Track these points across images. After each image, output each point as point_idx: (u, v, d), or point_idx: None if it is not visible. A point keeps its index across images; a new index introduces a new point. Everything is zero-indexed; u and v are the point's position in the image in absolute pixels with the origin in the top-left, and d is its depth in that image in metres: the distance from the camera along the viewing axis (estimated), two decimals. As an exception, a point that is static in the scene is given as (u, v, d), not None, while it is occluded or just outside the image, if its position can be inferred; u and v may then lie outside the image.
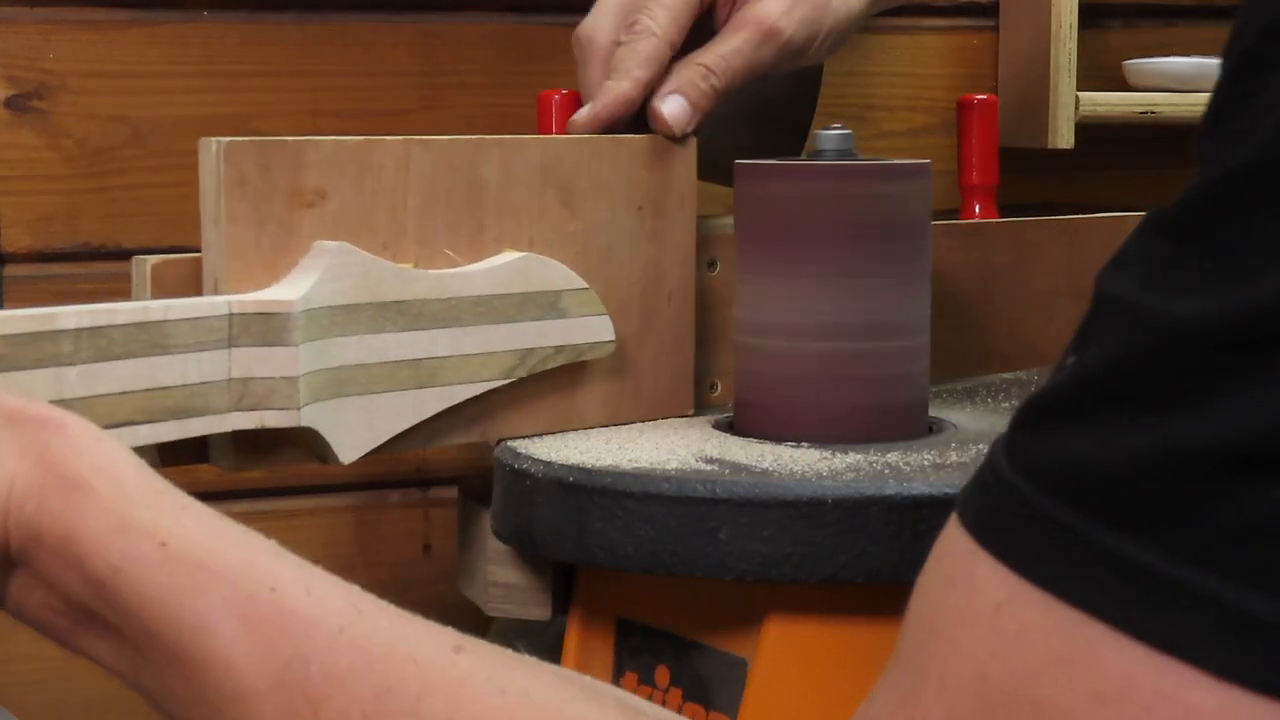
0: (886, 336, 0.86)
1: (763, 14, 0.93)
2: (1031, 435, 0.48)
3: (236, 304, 0.75)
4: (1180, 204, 0.47)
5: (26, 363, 0.67)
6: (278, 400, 0.75)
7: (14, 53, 1.17)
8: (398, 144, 0.83)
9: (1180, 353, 0.45)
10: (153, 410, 0.72)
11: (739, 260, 0.89)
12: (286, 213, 0.79)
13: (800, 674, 0.79)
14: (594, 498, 0.80)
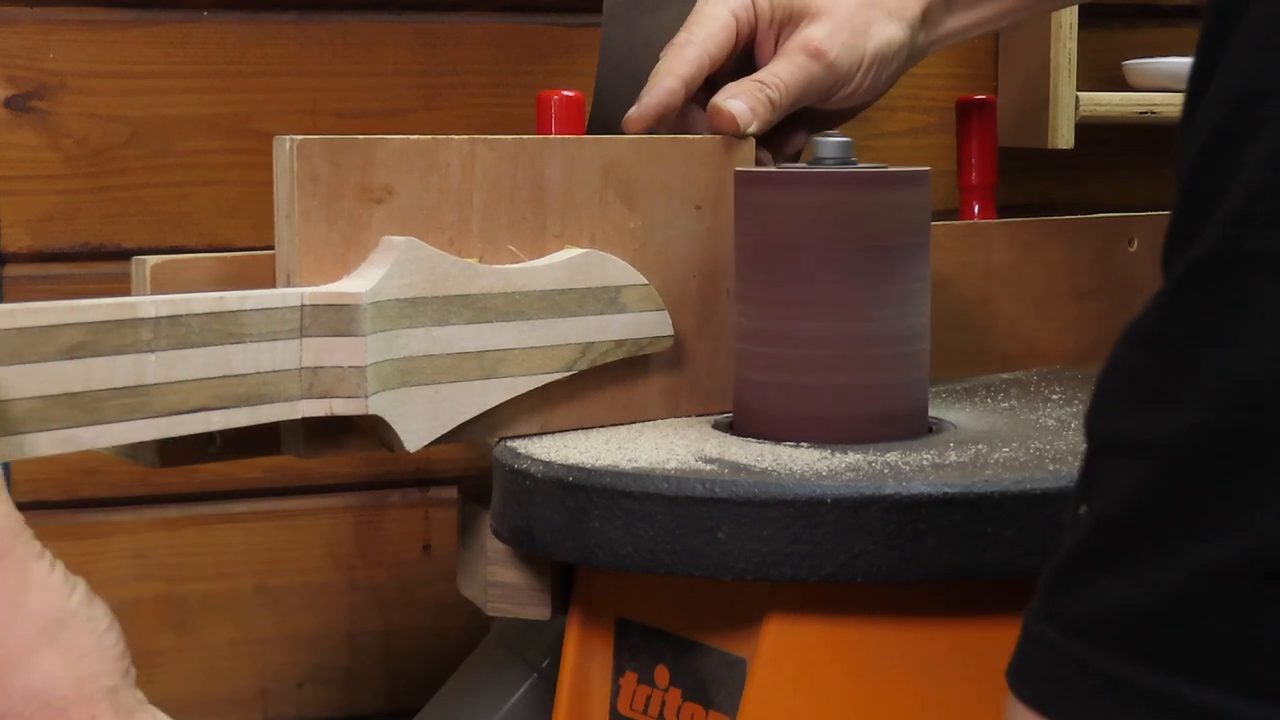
0: (886, 345, 0.86)
1: (808, 39, 0.96)
2: (1069, 596, 0.48)
3: (308, 295, 0.78)
4: (1148, 311, 0.48)
5: (108, 349, 0.70)
6: (346, 389, 0.78)
7: (14, 53, 1.17)
8: (464, 143, 0.85)
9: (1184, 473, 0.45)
10: (227, 397, 0.75)
11: (738, 268, 0.89)
12: (356, 208, 0.82)
13: (799, 673, 0.79)
14: (593, 497, 0.80)
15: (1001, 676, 0.80)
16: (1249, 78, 0.47)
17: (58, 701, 0.61)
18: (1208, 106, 0.48)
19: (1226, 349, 0.45)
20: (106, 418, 0.71)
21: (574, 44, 1.28)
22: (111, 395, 0.71)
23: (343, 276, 0.81)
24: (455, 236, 0.85)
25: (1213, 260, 0.46)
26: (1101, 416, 0.49)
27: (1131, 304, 1.14)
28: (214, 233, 1.22)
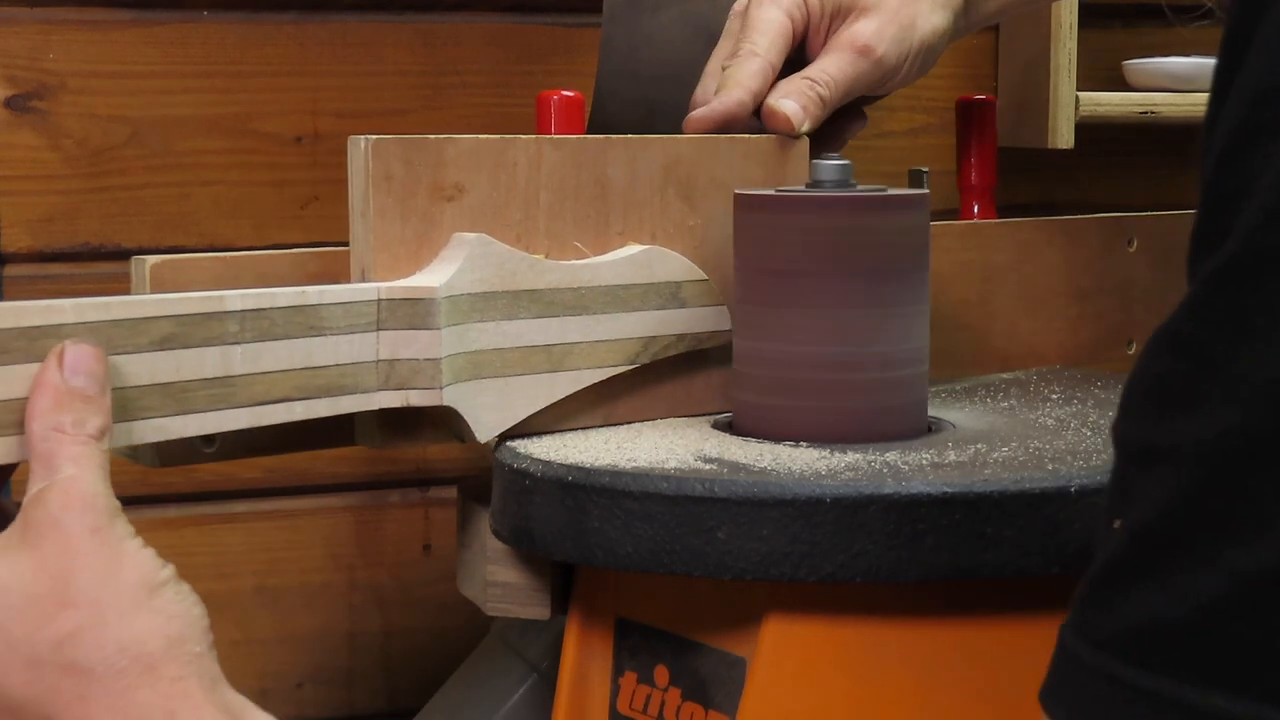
0: (884, 368, 0.86)
1: (856, 35, 0.98)
2: (1101, 611, 0.48)
3: (385, 290, 0.81)
4: (1176, 315, 0.47)
5: (196, 341, 0.73)
6: (422, 380, 0.81)
7: (14, 53, 1.17)
8: (531, 143, 0.87)
9: (1217, 478, 0.45)
10: (308, 388, 0.78)
11: (736, 289, 0.89)
12: (428, 206, 0.84)
13: (799, 673, 0.79)
14: (593, 497, 0.80)
15: (1001, 676, 0.80)
16: (1272, 76, 0.46)
17: (148, 657, 0.64)
18: (1232, 106, 0.47)
19: (1258, 349, 0.44)
20: (196, 407, 0.73)
21: (574, 44, 1.28)
22: (200, 385, 0.73)
23: (415, 272, 0.83)
24: (522, 233, 0.87)
25: (1242, 259, 0.45)
26: (1132, 425, 0.49)
27: (1131, 304, 1.15)
28: (214, 233, 1.22)
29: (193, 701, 0.64)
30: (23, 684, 0.64)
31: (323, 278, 0.87)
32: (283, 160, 1.23)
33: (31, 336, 0.66)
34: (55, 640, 0.64)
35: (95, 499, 0.65)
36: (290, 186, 1.24)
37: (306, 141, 1.24)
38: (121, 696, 0.64)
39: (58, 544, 0.64)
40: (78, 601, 0.64)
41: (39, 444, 0.66)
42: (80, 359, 0.67)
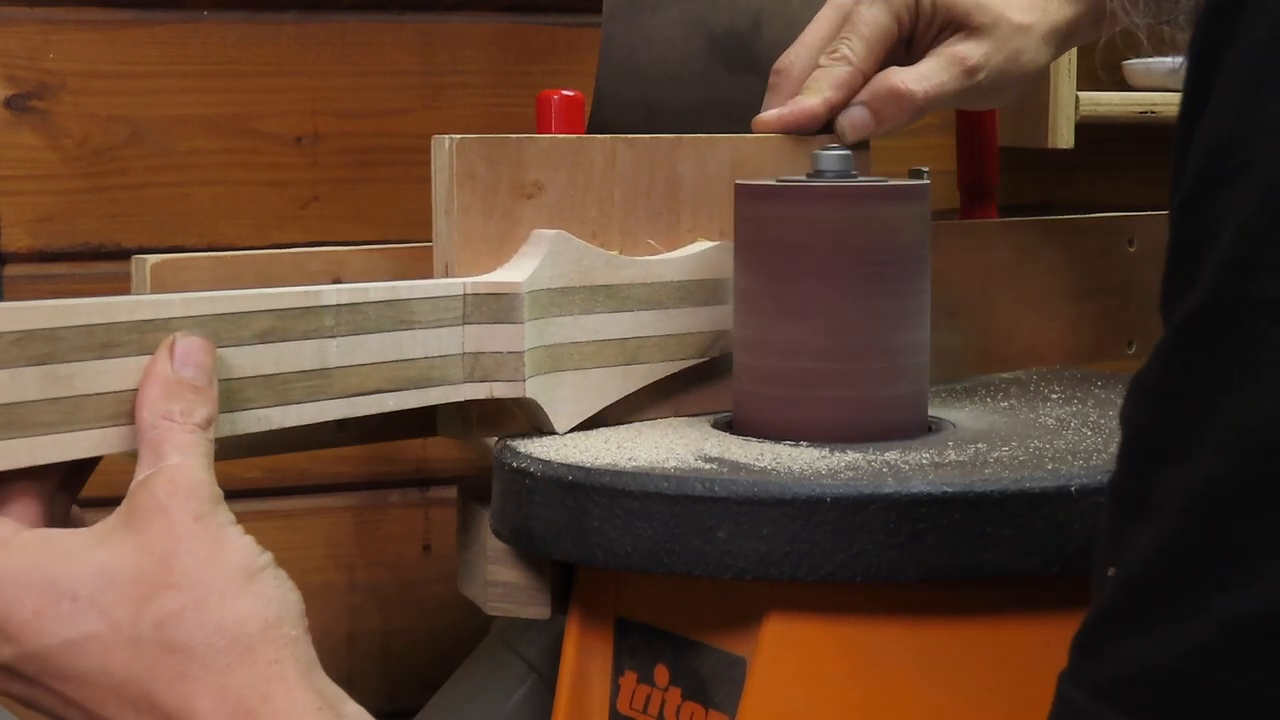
0: (886, 358, 0.86)
1: (963, 52, 0.97)
2: (1094, 659, 0.49)
3: (470, 285, 0.83)
4: (1150, 365, 0.48)
5: (295, 335, 0.75)
6: (506, 373, 0.84)
7: (14, 53, 1.17)
8: (606, 142, 0.90)
9: (1200, 527, 0.45)
10: (399, 380, 0.80)
11: (736, 280, 0.89)
12: (509, 203, 0.87)
13: (799, 672, 0.79)
14: (593, 497, 0.80)
15: (1001, 675, 0.80)
16: (1230, 120, 0.47)
17: (246, 639, 0.66)
18: (1194, 154, 0.48)
19: (1231, 398, 0.45)
20: (295, 399, 0.76)
21: (574, 44, 1.28)
22: (299, 377, 0.76)
23: (496, 267, 0.86)
24: (597, 230, 0.90)
25: (1209, 309, 0.46)
26: (1119, 474, 0.49)
27: (1131, 304, 1.15)
28: (214, 233, 1.22)
29: (287, 684, 0.66)
30: (124, 662, 0.66)
31: (323, 277, 0.87)
32: (283, 160, 1.23)
33: (143, 330, 0.69)
34: (157, 620, 0.66)
35: (199, 486, 0.67)
36: (290, 186, 1.24)
37: (306, 141, 1.24)
38: (219, 676, 0.66)
39: (162, 528, 0.66)
40: (179, 584, 0.66)
41: (148, 431, 0.68)
42: (190, 351, 0.70)
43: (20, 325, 0.66)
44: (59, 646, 0.66)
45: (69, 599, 0.66)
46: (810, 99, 0.96)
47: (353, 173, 1.24)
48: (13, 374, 0.66)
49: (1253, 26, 0.47)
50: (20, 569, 0.66)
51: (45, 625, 0.66)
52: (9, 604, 0.66)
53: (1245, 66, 0.47)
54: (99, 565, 0.66)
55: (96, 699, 0.67)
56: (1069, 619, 0.79)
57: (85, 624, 0.66)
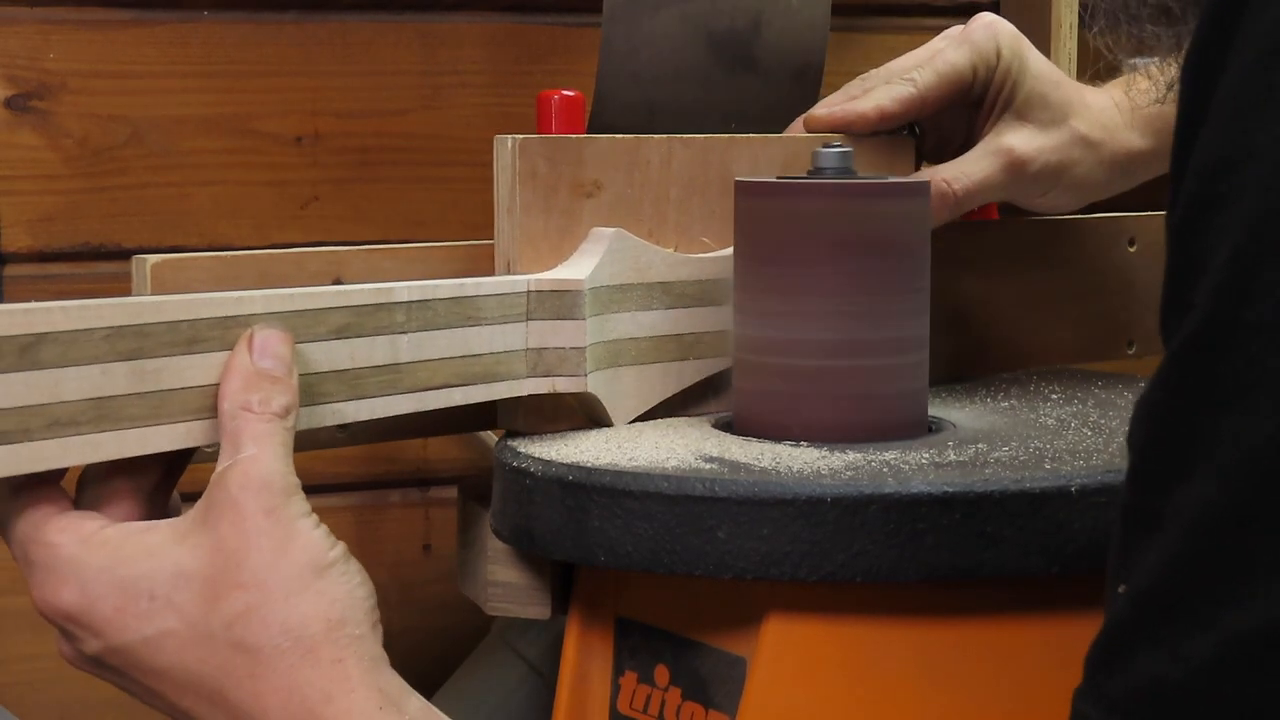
0: (886, 355, 0.86)
1: (1012, 142, 0.99)
2: (1107, 674, 0.50)
3: (534, 282, 0.86)
4: (1153, 385, 0.50)
5: (368, 330, 0.77)
6: (568, 368, 0.86)
7: (14, 53, 1.17)
8: (662, 142, 0.92)
9: (1205, 544, 0.47)
10: (466, 375, 0.82)
11: (736, 277, 0.89)
12: (569, 202, 0.89)
13: (799, 672, 0.79)
14: (593, 496, 0.80)
15: (1001, 675, 0.80)
16: (1221, 145, 0.48)
17: (309, 640, 0.68)
18: (1189, 173, 0.49)
19: (1230, 421, 0.46)
20: (368, 393, 0.78)
21: (574, 44, 1.28)
22: (372, 372, 0.78)
23: (555, 265, 0.88)
24: (654, 228, 0.92)
25: (1205, 333, 0.47)
26: (1127, 495, 0.51)
27: (1131, 304, 1.15)
28: (214, 233, 1.22)
29: (348, 684, 0.68)
30: (197, 660, 0.68)
31: (323, 277, 0.87)
32: (283, 160, 1.23)
33: (225, 326, 0.71)
34: (227, 620, 0.68)
35: (272, 478, 0.69)
36: (290, 186, 1.24)
37: (306, 141, 1.24)
38: (285, 676, 0.67)
39: (234, 525, 0.68)
40: (247, 583, 0.68)
41: (228, 422, 0.70)
42: (268, 342, 0.72)
43: (111, 321, 0.68)
44: (139, 642, 0.68)
45: (147, 597, 0.68)
46: (863, 103, 0.98)
47: (353, 173, 1.24)
48: (104, 369, 0.68)
49: (1243, 52, 0.48)
50: (103, 566, 0.68)
51: (126, 622, 0.68)
52: (94, 600, 0.68)
53: (1235, 91, 0.48)
54: (175, 564, 0.68)
55: (175, 692, 0.69)
56: (1069, 619, 0.80)
57: (162, 622, 0.68)
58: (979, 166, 0.99)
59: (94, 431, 0.68)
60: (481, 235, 0.92)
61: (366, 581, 0.71)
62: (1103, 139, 1.00)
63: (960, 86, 0.99)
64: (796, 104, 1.05)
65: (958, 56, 0.98)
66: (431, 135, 1.26)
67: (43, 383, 0.66)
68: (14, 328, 0.65)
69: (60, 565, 0.69)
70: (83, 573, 0.68)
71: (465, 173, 1.26)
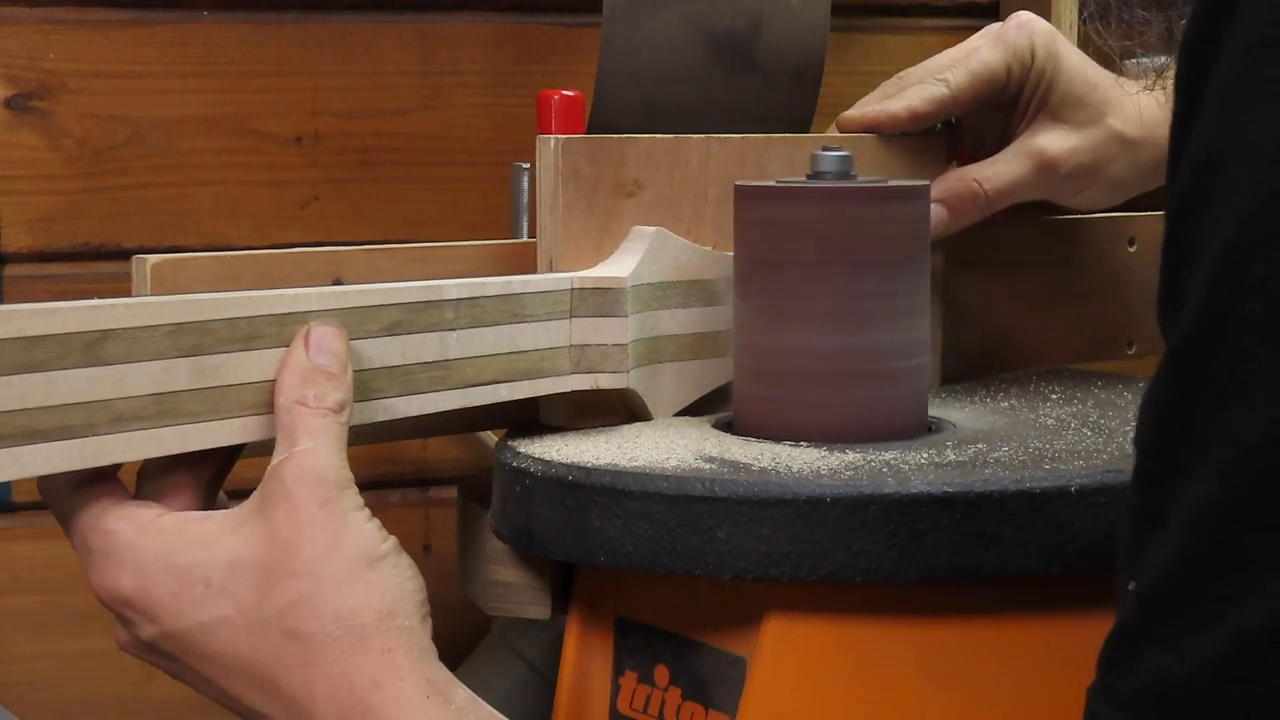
0: (886, 356, 0.86)
1: (1047, 148, 0.99)
2: (1117, 672, 0.50)
3: (577, 280, 0.87)
4: (1153, 382, 0.50)
5: (418, 327, 0.79)
6: (610, 365, 0.87)
7: (14, 53, 1.17)
8: (701, 142, 0.94)
9: (1207, 541, 0.47)
10: (512, 371, 0.84)
11: (736, 282, 0.89)
12: (610, 201, 0.91)
13: (799, 672, 0.79)
14: (593, 496, 0.80)
15: (1001, 675, 0.80)
16: (1213, 139, 0.48)
17: (359, 629, 0.69)
18: (1182, 166, 0.50)
19: (1230, 415, 0.46)
20: (418, 389, 0.79)
21: (574, 44, 1.28)
22: (422, 369, 0.79)
23: (596, 263, 0.90)
24: (692, 226, 0.94)
25: (1199, 330, 0.48)
26: (1134, 490, 0.51)
27: (1131, 304, 1.15)
28: (214, 233, 1.22)
29: (398, 673, 0.69)
30: (251, 647, 0.69)
31: (322, 278, 0.87)
32: (283, 160, 1.23)
33: (282, 323, 0.73)
34: (280, 608, 0.69)
35: (326, 471, 0.70)
36: (290, 186, 1.23)
37: (306, 141, 1.24)
38: (336, 665, 0.69)
39: (288, 515, 0.69)
40: (300, 572, 0.69)
41: (283, 417, 0.71)
42: (324, 338, 0.73)
43: (173, 318, 0.69)
44: (194, 628, 0.70)
45: (202, 584, 0.69)
46: (895, 103, 0.99)
47: (353, 173, 1.24)
48: (166, 365, 0.69)
49: (1235, 44, 0.48)
50: (159, 554, 0.70)
51: (182, 608, 0.70)
52: (150, 586, 0.70)
53: (1226, 84, 0.48)
54: (230, 552, 0.70)
55: (227, 679, 0.70)
56: (1069, 619, 0.80)
57: (217, 609, 0.69)
58: (1010, 167, 0.99)
59: (156, 426, 0.69)
60: (481, 235, 0.93)
61: (417, 576, 0.72)
62: (1141, 137, 1.00)
63: (994, 86, 0.99)
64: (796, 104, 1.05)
65: (992, 56, 0.99)
66: (431, 135, 1.26)
67: (107, 378, 0.68)
68: (80, 324, 0.67)
69: (118, 552, 0.70)
70: (140, 559, 0.70)
71: (465, 173, 1.26)
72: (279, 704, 0.70)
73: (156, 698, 1.23)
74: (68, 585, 1.20)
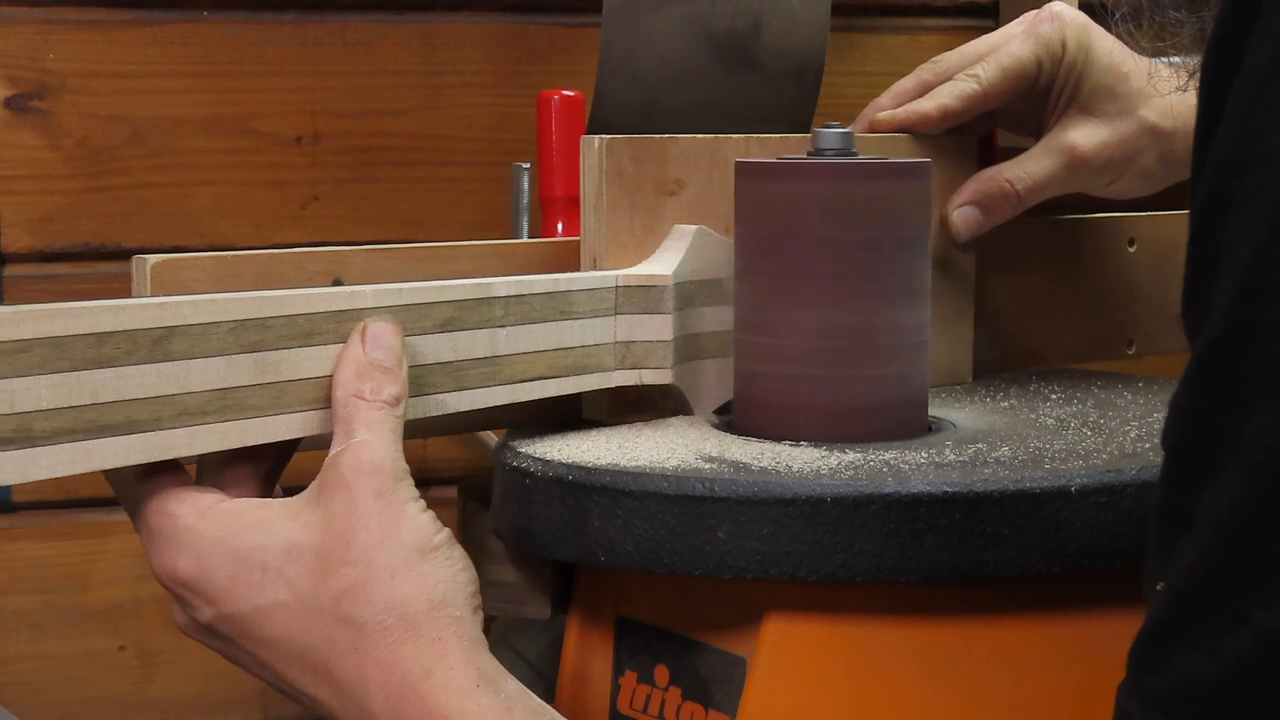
0: (886, 335, 0.86)
1: (1077, 144, 1.00)
2: (1148, 672, 0.50)
3: (622, 278, 0.89)
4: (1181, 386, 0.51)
5: (470, 324, 0.81)
6: (654, 360, 0.89)
7: (14, 53, 1.17)
8: (740, 141, 0.95)
9: (1236, 543, 0.48)
10: (559, 367, 0.86)
11: (737, 259, 0.89)
12: (653, 200, 0.92)
13: (799, 672, 0.79)
14: (593, 496, 0.80)
15: (1000, 674, 0.80)
16: (1237, 144, 0.49)
17: (412, 618, 0.70)
18: (1206, 170, 0.50)
19: (1257, 419, 0.47)
20: (469, 384, 0.81)
21: (574, 44, 1.28)
22: (472, 365, 0.81)
23: (639, 260, 0.91)
24: (730, 224, 0.93)
25: (1226, 335, 0.48)
26: (1162, 493, 0.51)
27: (1131, 304, 1.15)
28: (214, 233, 1.22)
29: (448, 661, 0.70)
30: (305, 631, 0.71)
31: (322, 278, 0.87)
32: (283, 160, 1.23)
33: (339, 319, 0.75)
34: (335, 594, 0.70)
35: (383, 462, 0.72)
36: (290, 186, 1.24)
37: (306, 141, 1.24)
38: (388, 651, 0.70)
39: (345, 505, 0.71)
40: (355, 560, 0.70)
41: (340, 410, 0.73)
42: (380, 334, 0.75)
43: (236, 315, 0.71)
44: (250, 611, 0.71)
45: (260, 569, 0.71)
46: (927, 103, 1.00)
47: (353, 173, 1.24)
48: (228, 361, 0.71)
49: (1259, 50, 0.48)
50: (219, 538, 0.71)
51: (239, 591, 0.71)
52: (209, 569, 0.71)
53: (1250, 90, 0.49)
54: (288, 538, 0.71)
55: (282, 662, 0.72)
56: (1069, 619, 0.80)
57: (273, 593, 0.71)
58: (1041, 165, 1.00)
59: (219, 421, 0.71)
60: (481, 235, 0.93)
61: (469, 568, 0.73)
62: (1175, 128, 1.00)
63: (1025, 80, 1.00)
64: (796, 104, 1.05)
65: (1022, 49, 0.99)
66: (431, 135, 1.26)
67: (173, 374, 0.70)
68: (146, 321, 0.69)
69: (179, 534, 0.72)
70: (199, 543, 0.71)
71: (465, 173, 1.26)
72: (331, 689, 0.71)
73: (156, 698, 1.23)
74: (68, 585, 1.20)
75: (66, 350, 0.66)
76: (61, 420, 0.67)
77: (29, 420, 0.66)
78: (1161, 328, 1.15)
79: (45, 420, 0.66)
